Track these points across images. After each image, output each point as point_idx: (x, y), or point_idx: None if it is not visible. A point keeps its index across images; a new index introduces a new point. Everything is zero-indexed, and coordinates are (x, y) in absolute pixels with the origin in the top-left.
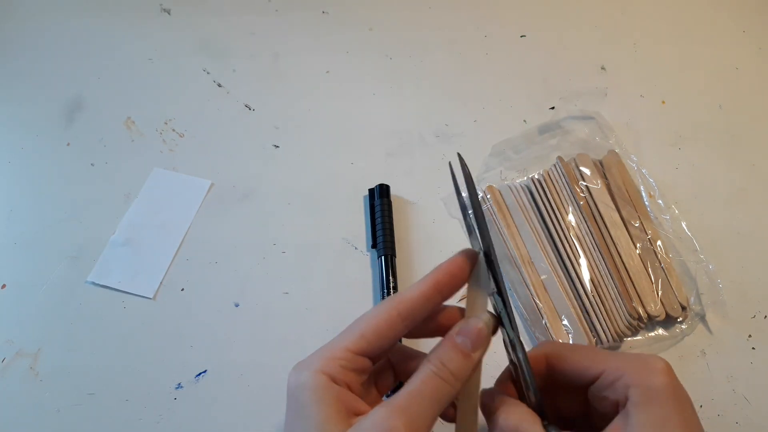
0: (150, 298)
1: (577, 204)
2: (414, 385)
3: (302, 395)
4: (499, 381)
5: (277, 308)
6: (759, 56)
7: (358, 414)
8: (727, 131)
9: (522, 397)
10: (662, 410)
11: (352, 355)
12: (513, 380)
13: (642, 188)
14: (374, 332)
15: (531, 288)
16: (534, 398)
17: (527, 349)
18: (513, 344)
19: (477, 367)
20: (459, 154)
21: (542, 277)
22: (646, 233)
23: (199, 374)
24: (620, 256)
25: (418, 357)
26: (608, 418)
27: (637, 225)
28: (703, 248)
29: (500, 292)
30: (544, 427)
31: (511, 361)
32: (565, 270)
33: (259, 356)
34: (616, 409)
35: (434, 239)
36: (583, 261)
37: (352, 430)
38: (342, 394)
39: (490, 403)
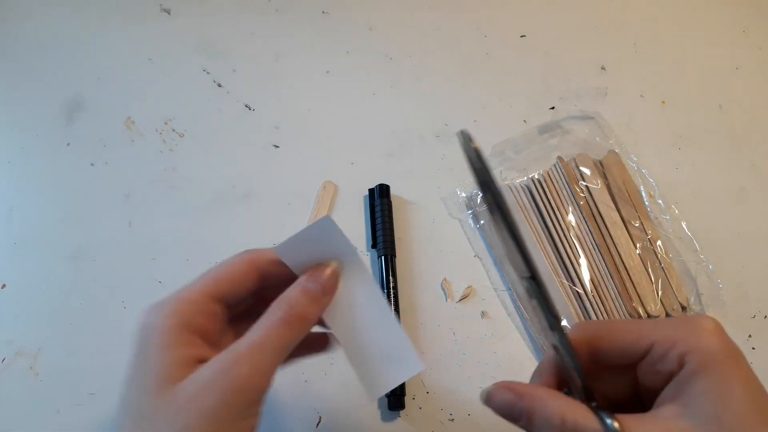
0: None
1: (577, 204)
2: (259, 331)
3: (149, 337)
4: (540, 372)
5: None
6: (759, 56)
7: (203, 362)
8: (727, 131)
9: (563, 386)
10: (722, 373)
11: (206, 299)
12: (557, 367)
13: (642, 188)
14: (228, 280)
15: None
16: (580, 384)
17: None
18: (552, 328)
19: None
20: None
21: (542, 277)
22: (646, 233)
23: None
24: (620, 256)
25: None
26: (660, 393)
27: (637, 225)
28: (703, 248)
29: (533, 276)
30: (595, 413)
31: (553, 346)
32: (565, 270)
33: None
34: (669, 381)
35: (434, 239)
36: (583, 261)
37: (192, 377)
38: (191, 341)
39: (530, 395)
